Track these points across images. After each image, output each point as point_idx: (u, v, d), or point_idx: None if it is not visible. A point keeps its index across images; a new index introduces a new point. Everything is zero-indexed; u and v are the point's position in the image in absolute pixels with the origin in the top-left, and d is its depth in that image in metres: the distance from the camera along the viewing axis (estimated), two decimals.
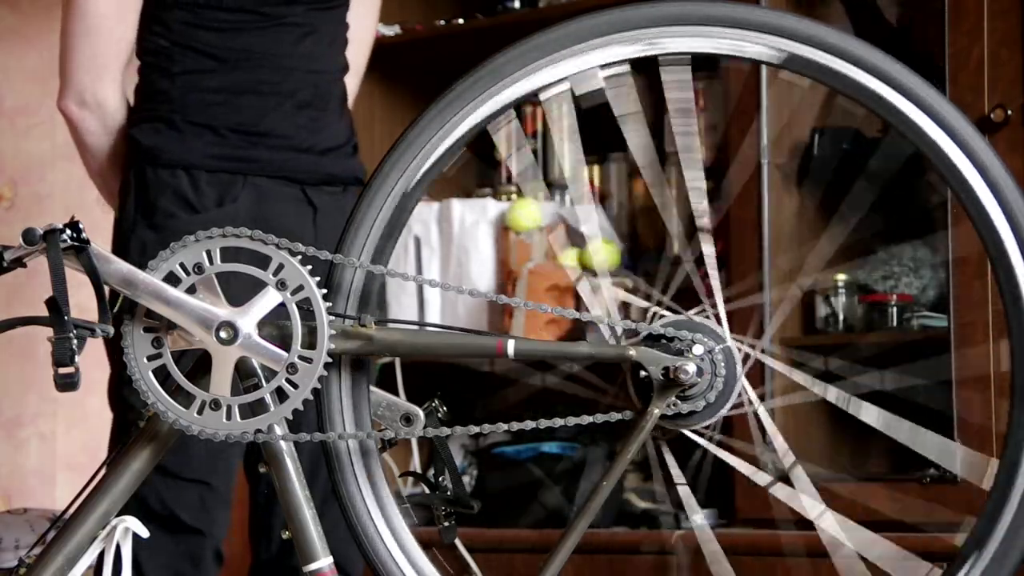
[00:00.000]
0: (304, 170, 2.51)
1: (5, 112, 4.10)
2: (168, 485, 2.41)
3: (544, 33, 1.64)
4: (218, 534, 2.49)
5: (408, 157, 1.64)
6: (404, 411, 1.65)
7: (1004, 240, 1.57)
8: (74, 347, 1.59)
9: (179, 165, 2.45)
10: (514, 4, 3.68)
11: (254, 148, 2.47)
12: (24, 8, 4.10)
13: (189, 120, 2.46)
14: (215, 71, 2.48)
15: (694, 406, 1.61)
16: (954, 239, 2.85)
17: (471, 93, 1.64)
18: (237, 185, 2.46)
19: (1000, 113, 2.81)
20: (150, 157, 2.46)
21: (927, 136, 1.59)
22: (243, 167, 2.46)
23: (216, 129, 2.46)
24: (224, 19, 2.48)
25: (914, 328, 3.04)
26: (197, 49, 2.48)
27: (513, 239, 3.55)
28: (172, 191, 2.44)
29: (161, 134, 2.47)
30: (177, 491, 2.43)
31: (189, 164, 2.45)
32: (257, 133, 2.48)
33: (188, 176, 2.45)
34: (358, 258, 1.63)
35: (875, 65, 1.59)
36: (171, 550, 2.44)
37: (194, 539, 2.46)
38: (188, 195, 2.44)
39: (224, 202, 2.44)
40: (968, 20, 2.86)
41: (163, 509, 2.42)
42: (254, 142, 2.47)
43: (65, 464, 4.02)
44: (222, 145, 2.46)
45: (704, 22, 1.62)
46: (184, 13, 2.47)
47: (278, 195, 2.48)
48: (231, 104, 2.47)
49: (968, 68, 2.85)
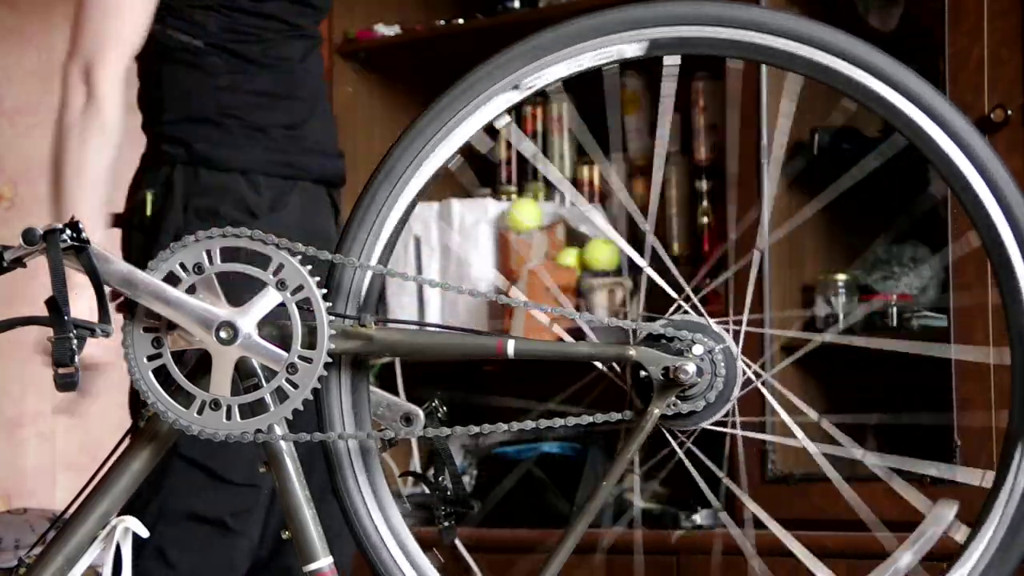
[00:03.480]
0: (332, 174, 2.55)
1: (5, 112, 4.10)
2: (219, 489, 2.40)
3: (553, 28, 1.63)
4: (255, 536, 2.47)
5: (408, 156, 1.64)
6: (404, 411, 1.65)
7: (1004, 240, 1.57)
8: (74, 347, 1.59)
9: (236, 169, 2.44)
10: (514, 4, 3.69)
11: (301, 153, 2.49)
12: (24, 8, 4.10)
13: (241, 122, 2.46)
14: (255, 75, 2.47)
15: (694, 406, 1.61)
16: (954, 239, 2.85)
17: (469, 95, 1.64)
18: (287, 191, 2.46)
19: (1000, 113, 2.81)
20: (205, 160, 2.44)
21: (927, 136, 1.59)
22: (293, 172, 2.47)
23: (267, 132, 2.46)
24: (257, 25, 2.48)
25: (914, 328, 3.04)
26: (235, 52, 2.47)
27: (513, 239, 3.55)
28: (232, 195, 2.43)
29: (213, 137, 2.45)
30: (229, 496, 2.41)
31: (246, 168, 2.44)
32: (303, 138, 2.49)
33: (247, 181, 2.44)
34: (358, 258, 1.63)
35: (875, 65, 1.59)
36: (215, 553, 2.43)
37: (236, 541, 2.44)
38: (248, 199, 2.43)
39: (277, 207, 2.44)
40: (968, 20, 2.86)
41: (214, 515, 2.41)
42: (299, 147, 2.49)
43: (65, 464, 4.02)
44: (274, 150, 2.46)
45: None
46: (219, 16, 2.46)
47: (317, 200, 2.50)
48: (275, 108, 2.48)
49: (968, 68, 2.86)
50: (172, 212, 2.44)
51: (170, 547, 2.40)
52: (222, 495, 2.41)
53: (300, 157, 2.48)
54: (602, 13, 1.60)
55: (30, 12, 4.09)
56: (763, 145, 3.07)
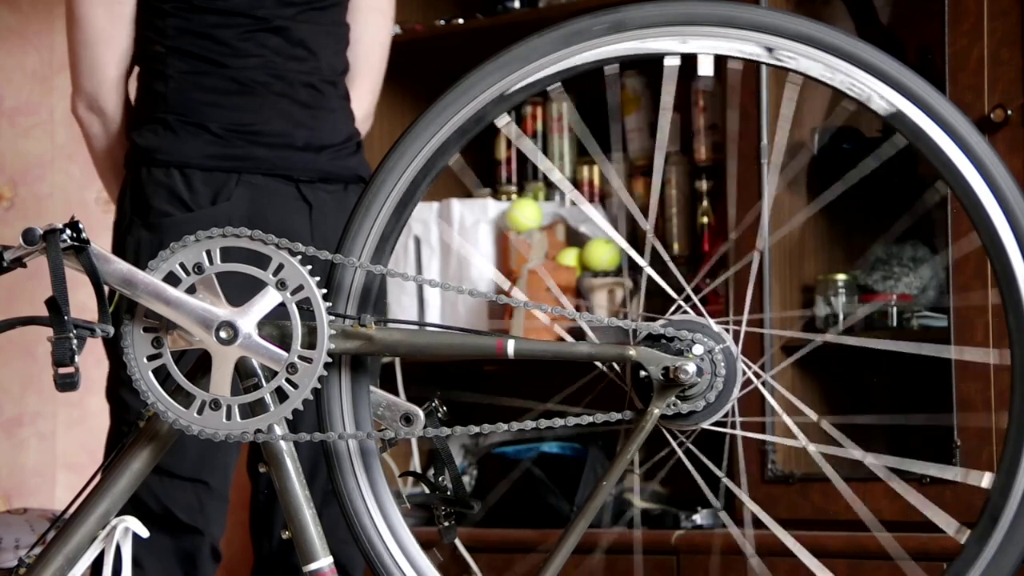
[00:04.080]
0: (300, 168, 2.51)
1: (5, 112, 4.10)
2: (164, 484, 2.41)
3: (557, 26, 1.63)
4: (215, 532, 2.49)
5: (409, 156, 1.64)
6: (404, 411, 1.65)
7: (1004, 240, 1.57)
8: (74, 347, 1.59)
9: (173, 164, 2.48)
10: (514, 4, 3.68)
11: (249, 146, 2.49)
12: (24, 8, 4.10)
13: (183, 120, 2.48)
14: (208, 73, 2.50)
15: (694, 406, 1.61)
16: (954, 239, 2.85)
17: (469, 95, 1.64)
18: (231, 183, 2.47)
19: (1000, 113, 2.81)
20: (146, 157, 2.49)
21: (927, 136, 1.58)
22: (237, 165, 2.48)
23: (210, 128, 2.48)
24: (216, 22, 2.50)
25: (914, 328, 3.04)
26: (191, 52, 2.50)
27: (513, 239, 3.55)
28: (166, 190, 2.46)
29: (157, 135, 2.49)
30: (173, 490, 2.43)
31: (183, 163, 2.48)
32: (252, 132, 2.49)
33: (182, 175, 2.47)
34: (358, 258, 1.63)
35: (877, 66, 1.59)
36: (168, 549, 2.44)
37: (190, 538, 2.46)
38: (182, 194, 2.46)
39: (218, 200, 2.46)
40: (968, 20, 2.86)
41: (159, 508, 2.43)
42: (249, 140, 2.49)
43: (65, 464, 4.02)
44: (216, 144, 2.48)
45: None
46: (177, 19, 2.50)
47: (273, 193, 2.49)
48: (225, 104, 2.49)
49: (968, 68, 2.85)
50: (123, 211, 2.51)
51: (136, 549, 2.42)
52: (168, 490, 2.43)
53: (247, 149, 2.48)
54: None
55: (30, 12, 4.08)
56: (763, 145, 3.06)
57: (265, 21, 2.51)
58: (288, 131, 2.51)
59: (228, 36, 2.50)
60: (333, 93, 2.58)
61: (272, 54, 2.51)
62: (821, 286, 3.14)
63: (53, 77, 2.44)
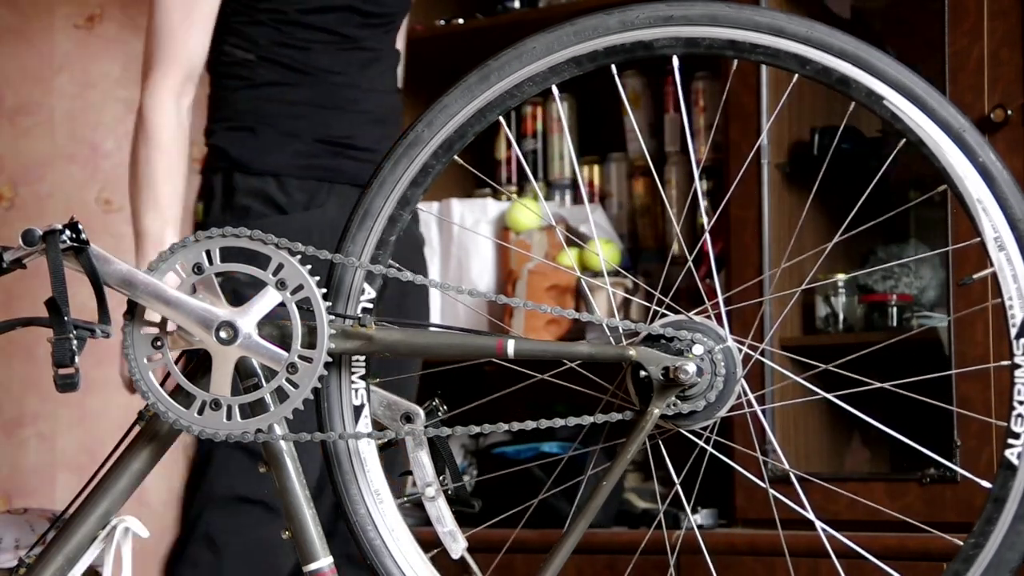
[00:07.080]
0: None
1: (5, 112, 4.10)
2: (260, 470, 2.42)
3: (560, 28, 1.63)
4: None
5: (409, 156, 1.64)
6: (404, 411, 1.65)
7: (1004, 240, 1.57)
8: (74, 347, 1.59)
9: (268, 172, 2.55)
10: (514, 4, 3.69)
11: (340, 159, 2.58)
12: (24, 8, 4.10)
13: (276, 130, 2.56)
14: (298, 85, 2.58)
15: (694, 406, 1.61)
16: (954, 239, 2.85)
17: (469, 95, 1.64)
18: (323, 191, 2.57)
19: (1000, 113, 2.81)
20: (239, 165, 2.56)
21: (926, 136, 1.59)
22: (330, 175, 2.57)
23: (300, 139, 2.56)
24: (308, 38, 2.59)
25: (914, 328, 3.04)
26: (282, 63, 2.58)
27: (513, 239, 3.55)
28: (263, 195, 2.54)
29: (248, 143, 2.56)
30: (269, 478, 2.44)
31: (278, 171, 2.55)
32: (343, 145, 2.59)
33: (276, 181, 2.55)
34: (358, 258, 1.63)
35: (874, 64, 1.59)
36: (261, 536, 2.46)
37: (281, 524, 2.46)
38: (277, 198, 2.55)
39: (311, 206, 2.55)
40: (968, 20, 2.86)
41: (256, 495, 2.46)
42: (340, 153, 2.58)
43: (65, 464, 4.02)
44: (309, 155, 2.56)
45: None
46: (271, 29, 2.57)
47: None
48: (315, 117, 2.58)
49: (968, 68, 2.85)
50: (212, 216, 2.58)
51: (218, 532, 2.49)
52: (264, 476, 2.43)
53: (336, 161, 2.57)
54: None
55: (31, 12, 4.09)
56: (763, 145, 3.07)
57: (352, 40, 2.61)
58: (374, 147, 2.60)
59: (318, 52, 2.59)
60: (399, 110, 2.71)
61: (357, 71, 2.61)
62: (821, 286, 3.14)
63: (53, 77, 2.44)
